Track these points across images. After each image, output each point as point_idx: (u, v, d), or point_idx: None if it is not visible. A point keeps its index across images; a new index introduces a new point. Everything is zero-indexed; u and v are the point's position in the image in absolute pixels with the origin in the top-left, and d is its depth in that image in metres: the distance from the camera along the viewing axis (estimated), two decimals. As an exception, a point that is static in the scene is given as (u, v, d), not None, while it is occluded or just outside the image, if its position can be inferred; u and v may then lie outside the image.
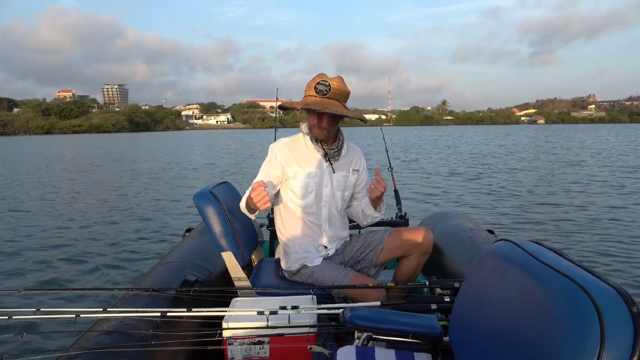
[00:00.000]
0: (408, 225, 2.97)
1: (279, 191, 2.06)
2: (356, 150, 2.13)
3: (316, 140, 1.97)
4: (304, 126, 2.02)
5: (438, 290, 1.87)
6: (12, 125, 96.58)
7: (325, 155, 1.98)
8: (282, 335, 1.57)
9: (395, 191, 3.28)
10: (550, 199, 8.14)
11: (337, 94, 1.85)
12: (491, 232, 2.74)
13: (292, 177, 1.98)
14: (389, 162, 3.52)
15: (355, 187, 2.11)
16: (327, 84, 1.83)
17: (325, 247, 2.05)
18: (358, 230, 2.78)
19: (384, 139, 3.81)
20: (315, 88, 1.84)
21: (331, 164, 2.00)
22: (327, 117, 1.88)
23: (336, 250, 2.10)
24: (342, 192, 2.06)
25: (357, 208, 2.14)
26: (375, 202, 1.97)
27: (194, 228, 3.03)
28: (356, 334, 1.32)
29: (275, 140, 3.32)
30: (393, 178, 3.42)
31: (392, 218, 2.98)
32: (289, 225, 2.05)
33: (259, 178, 1.99)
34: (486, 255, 1.11)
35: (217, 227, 2.00)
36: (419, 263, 2.05)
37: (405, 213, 3.03)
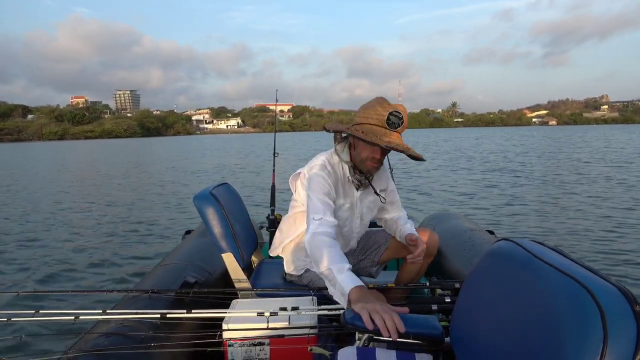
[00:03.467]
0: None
1: (296, 202, 1.97)
2: (382, 170, 1.97)
3: (354, 169, 1.82)
4: (341, 148, 1.83)
5: (439, 291, 1.87)
6: (26, 131, 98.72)
7: (359, 185, 1.87)
8: (282, 336, 1.56)
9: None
10: (552, 199, 8.15)
11: (405, 126, 1.67)
12: (491, 232, 2.74)
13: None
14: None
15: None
16: (401, 116, 1.63)
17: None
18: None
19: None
20: (389, 119, 1.62)
21: (374, 189, 1.90)
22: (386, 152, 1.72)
23: None
24: (370, 216, 2.01)
25: (391, 227, 2.06)
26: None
27: (194, 230, 3.02)
28: (357, 335, 1.31)
29: (274, 144, 3.26)
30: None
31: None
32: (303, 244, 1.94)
33: (319, 203, 1.70)
34: (487, 255, 1.10)
35: (217, 228, 2.00)
36: (424, 265, 2.03)
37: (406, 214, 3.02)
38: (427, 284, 1.95)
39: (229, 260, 1.99)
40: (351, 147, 1.81)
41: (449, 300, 1.69)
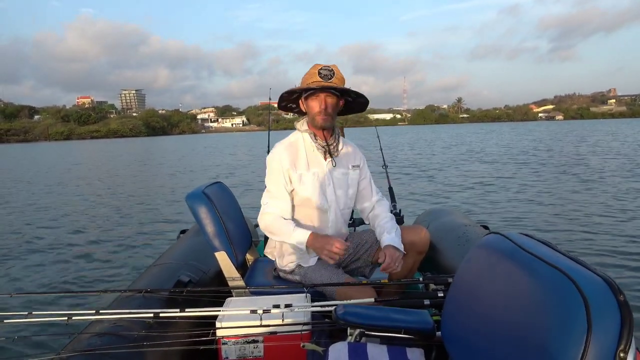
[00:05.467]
0: (403, 222, 2.97)
1: None
2: (351, 145, 2.11)
3: (315, 135, 1.95)
4: (300, 124, 2.00)
5: (432, 286, 1.87)
6: (32, 132, 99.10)
7: (326, 151, 1.97)
8: (275, 333, 1.56)
9: (390, 189, 3.28)
10: (548, 194, 8.18)
11: (340, 78, 1.89)
12: (486, 227, 2.74)
13: (297, 181, 1.93)
14: (384, 160, 3.54)
15: (359, 185, 2.09)
16: (330, 68, 1.88)
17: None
18: (353, 228, 2.78)
19: (378, 137, 3.84)
20: (320, 73, 1.87)
21: (332, 158, 1.97)
22: (331, 103, 1.89)
23: None
24: (345, 191, 2.03)
25: (373, 224, 2.09)
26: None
27: (189, 229, 3.02)
28: (349, 331, 1.32)
29: (269, 145, 3.28)
30: (387, 175, 3.43)
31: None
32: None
33: (272, 188, 1.94)
34: (477, 249, 1.11)
35: (210, 227, 2.00)
36: (415, 262, 2.04)
37: (400, 210, 3.03)
38: (421, 279, 1.96)
39: (222, 259, 1.99)
40: (308, 120, 1.98)
41: (442, 294, 1.69)
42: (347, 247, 1.84)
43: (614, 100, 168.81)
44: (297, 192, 1.95)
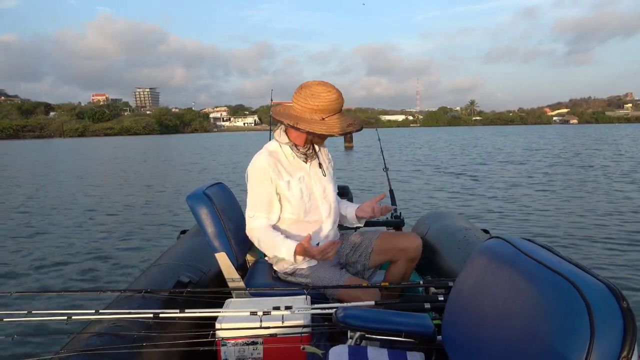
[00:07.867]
0: (404, 225, 2.98)
1: None
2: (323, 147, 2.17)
3: (295, 145, 1.98)
4: (277, 134, 2.01)
5: (432, 290, 1.87)
6: (48, 128, 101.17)
7: (306, 158, 2.00)
8: (275, 335, 1.56)
9: (391, 191, 3.28)
10: (551, 198, 8.17)
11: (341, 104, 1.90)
12: (486, 231, 2.74)
13: (285, 188, 1.94)
14: (384, 163, 3.54)
15: None
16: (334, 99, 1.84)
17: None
18: (352, 230, 2.77)
19: (379, 139, 3.84)
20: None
21: (312, 161, 2.02)
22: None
23: None
24: (333, 185, 2.10)
25: (342, 211, 2.18)
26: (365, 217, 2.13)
27: (190, 229, 3.02)
28: (349, 334, 1.31)
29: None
30: (388, 178, 3.43)
31: (387, 218, 2.98)
32: (285, 230, 2.02)
33: (256, 200, 1.95)
34: (478, 253, 1.10)
35: (210, 227, 1.99)
36: (407, 269, 2.05)
37: (400, 213, 3.03)
38: (421, 282, 1.96)
39: (222, 260, 1.98)
40: (287, 131, 1.99)
41: (442, 298, 1.69)
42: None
43: (630, 105, 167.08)
44: (288, 198, 1.95)
